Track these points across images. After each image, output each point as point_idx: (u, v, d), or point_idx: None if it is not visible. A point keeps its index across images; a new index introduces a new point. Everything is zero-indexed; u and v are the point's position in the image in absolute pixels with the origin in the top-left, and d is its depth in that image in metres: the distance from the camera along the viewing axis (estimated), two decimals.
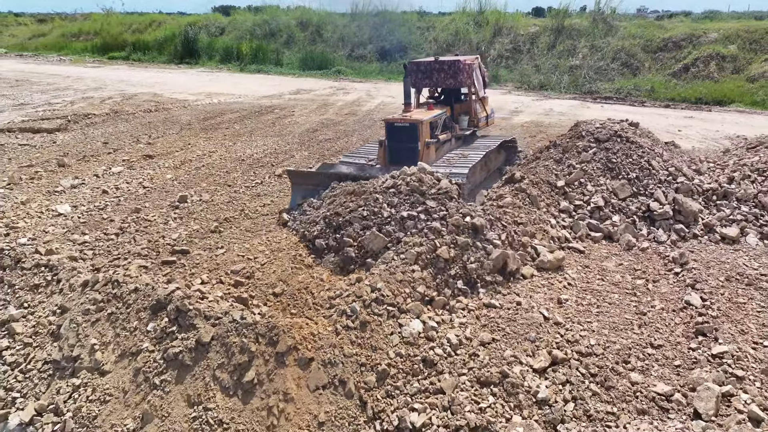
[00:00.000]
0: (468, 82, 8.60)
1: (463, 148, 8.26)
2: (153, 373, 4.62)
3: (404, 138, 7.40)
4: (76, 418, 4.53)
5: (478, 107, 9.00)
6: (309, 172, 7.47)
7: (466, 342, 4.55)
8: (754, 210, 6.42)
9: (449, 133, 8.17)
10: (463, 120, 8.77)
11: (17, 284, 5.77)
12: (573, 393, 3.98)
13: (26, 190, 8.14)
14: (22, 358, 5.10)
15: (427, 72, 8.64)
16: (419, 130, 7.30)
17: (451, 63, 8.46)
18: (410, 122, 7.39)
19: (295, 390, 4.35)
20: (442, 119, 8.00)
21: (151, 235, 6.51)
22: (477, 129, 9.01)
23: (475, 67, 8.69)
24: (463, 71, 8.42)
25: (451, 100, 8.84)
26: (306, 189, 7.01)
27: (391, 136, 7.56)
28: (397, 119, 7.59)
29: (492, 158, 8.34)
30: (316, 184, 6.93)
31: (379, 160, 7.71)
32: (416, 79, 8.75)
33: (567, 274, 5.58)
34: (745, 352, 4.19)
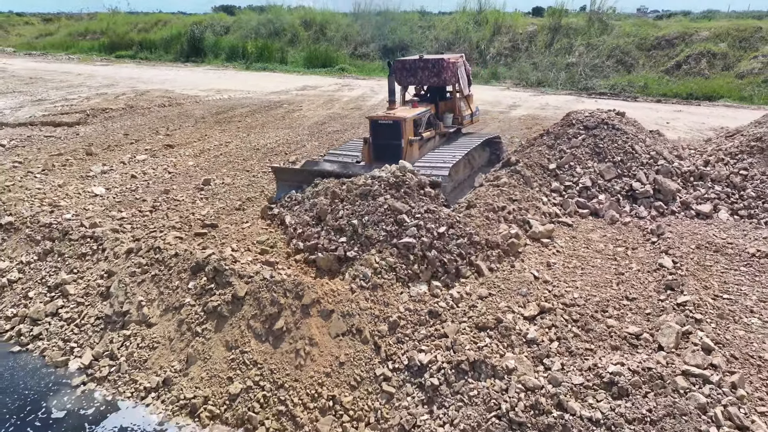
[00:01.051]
0: (452, 81, 8.64)
1: (447, 145, 8.30)
2: (195, 323, 5.32)
3: (388, 135, 7.45)
4: (129, 361, 5.24)
5: (462, 105, 9.04)
6: (293, 169, 7.64)
7: (466, 296, 5.25)
8: (726, 189, 7.12)
9: (433, 131, 8.21)
10: (448, 117, 8.85)
11: (66, 253, 6.46)
12: (557, 334, 4.68)
13: (61, 175, 8.83)
14: (76, 315, 5.80)
15: (412, 70, 8.66)
16: (403, 128, 7.36)
17: (435, 61, 8.47)
18: (394, 120, 7.42)
19: (319, 336, 5.06)
20: (426, 117, 8.04)
21: (182, 212, 7.21)
22: (461, 126, 9.07)
23: (460, 65, 8.70)
24: (447, 69, 8.45)
25: (436, 98, 8.88)
26: (291, 185, 7.22)
27: (375, 134, 7.59)
28: (381, 117, 7.64)
29: (476, 156, 8.48)
30: (300, 181, 7.12)
31: (363, 157, 7.75)
32: (401, 77, 8.80)
33: (556, 243, 6.28)
34: (705, 302, 4.89)
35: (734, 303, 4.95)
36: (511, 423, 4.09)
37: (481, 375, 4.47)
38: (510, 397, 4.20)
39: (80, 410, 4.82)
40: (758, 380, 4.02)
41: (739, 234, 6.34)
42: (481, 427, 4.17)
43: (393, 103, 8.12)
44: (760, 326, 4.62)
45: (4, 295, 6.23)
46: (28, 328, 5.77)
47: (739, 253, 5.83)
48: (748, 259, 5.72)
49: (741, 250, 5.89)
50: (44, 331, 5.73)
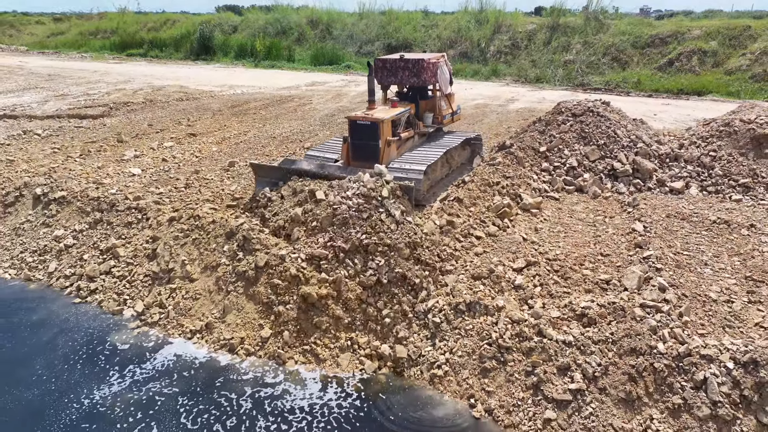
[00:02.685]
0: (432, 81, 8.52)
1: (426, 145, 8.33)
2: (228, 282, 6.20)
3: (366, 136, 7.48)
4: (176, 309, 6.14)
5: (443, 104, 9.00)
6: (272, 166, 7.65)
7: (464, 254, 6.13)
8: (697, 168, 7.99)
9: (412, 131, 8.23)
10: (428, 117, 8.81)
11: (114, 222, 7.37)
12: (540, 281, 5.57)
13: (98, 159, 9.74)
14: (127, 273, 6.71)
15: (393, 69, 8.56)
16: (380, 129, 7.38)
17: (415, 61, 8.35)
18: (372, 121, 7.42)
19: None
20: (404, 117, 8.03)
21: (212, 188, 8.11)
22: (442, 125, 9.01)
23: (441, 65, 8.57)
24: (427, 70, 8.33)
25: (417, 97, 8.78)
26: (269, 182, 7.36)
27: (354, 134, 7.62)
28: (359, 117, 7.60)
29: (455, 155, 8.67)
30: (278, 177, 7.30)
31: (342, 156, 7.77)
32: (382, 77, 8.69)
33: (544, 213, 7.17)
34: (667, 256, 5.77)
35: (692, 258, 5.83)
36: (500, 348, 4.98)
37: (476, 313, 5.36)
38: (499, 328, 5.09)
39: (139, 344, 5.73)
40: (702, 312, 4.90)
41: (705, 206, 7.21)
42: (475, 352, 5.07)
43: (372, 102, 8.03)
44: (711, 274, 5.50)
45: (62, 258, 7.14)
46: (86, 284, 6.68)
47: (702, 221, 6.70)
48: (709, 225, 6.59)
49: (704, 218, 6.76)
50: (100, 286, 6.64)
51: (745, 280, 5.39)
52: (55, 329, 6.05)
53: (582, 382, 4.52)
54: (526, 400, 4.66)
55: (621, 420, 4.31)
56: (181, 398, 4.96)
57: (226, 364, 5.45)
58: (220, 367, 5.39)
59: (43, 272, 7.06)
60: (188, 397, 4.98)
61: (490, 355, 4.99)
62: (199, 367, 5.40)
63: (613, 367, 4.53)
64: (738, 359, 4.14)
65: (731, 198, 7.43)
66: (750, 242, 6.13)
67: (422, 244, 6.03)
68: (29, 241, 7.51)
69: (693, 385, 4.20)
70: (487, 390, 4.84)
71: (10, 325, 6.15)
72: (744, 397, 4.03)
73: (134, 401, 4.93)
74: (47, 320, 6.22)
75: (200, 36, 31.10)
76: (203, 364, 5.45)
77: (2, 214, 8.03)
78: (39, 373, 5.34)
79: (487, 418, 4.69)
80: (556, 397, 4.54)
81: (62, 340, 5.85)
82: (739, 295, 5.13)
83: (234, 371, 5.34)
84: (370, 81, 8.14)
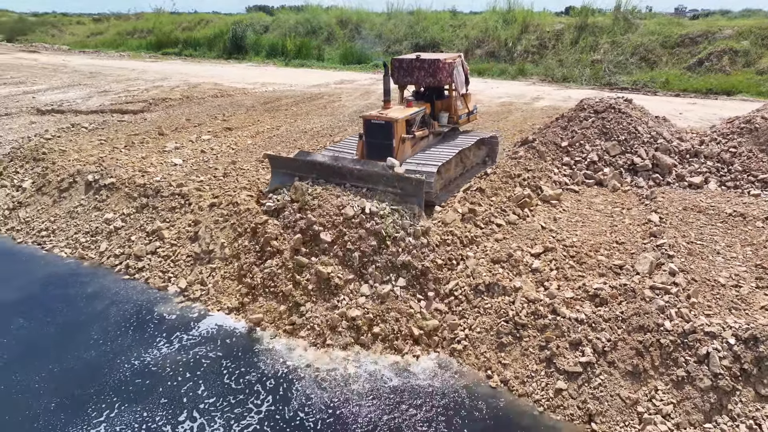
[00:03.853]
0: (447, 81, 8.55)
1: (441, 145, 8.35)
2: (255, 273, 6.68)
3: (380, 135, 7.58)
4: (215, 287, 6.66)
5: (459, 104, 8.96)
6: (287, 158, 7.81)
7: (484, 240, 6.50)
8: (716, 164, 8.17)
9: (426, 130, 8.28)
10: (443, 116, 8.82)
11: (159, 207, 7.95)
12: (557, 265, 5.90)
13: (141, 150, 10.38)
14: (171, 253, 7.26)
15: (409, 69, 8.61)
16: (394, 128, 7.46)
17: (431, 62, 8.38)
18: (386, 120, 7.52)
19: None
20: (419, 116, 8.10)
21: (248, 177, 8.63)
22: (457, 125, 8.97)
23: (457, 65, 8.62)
24: (443, 70, 8.36)
25: (433, 97, 8.80)
26: (285, 173, 7.56)
27: (369, 133, 7.74)
28: (374, 116, 7.71)
29: (469, 155, 8.67)
30: (293, 169, 7.48)
31: (357, 152, 7.91)
32: (399, 77, 8.76)
33: (563, 204, 7.47)
34: (680, 244, 6.03)
35: (705, 247, 6.07)
36: (516, 325, 5.34)
37: (494, 294, 5.72)
38: (515, 307, 5.45)
39: (183, 315, 6.28)
40: (710, 295, 5.16)
41: (723, 200, 7.40)
42: (493, 329, 5.44)
43: (388, 102, 8.13)
44: (722, 262, 5.75)
45: (112, 239, 7.76)
46: (134, 263, 7.27)
47: (718, 213, 6.91)
48: (725, 218, 6.80)
49: (720, 211, 6.97)
50: (147, 265, 7.21)
51: (755, 267, 5.61)
52: (107, 301, 6.64)
53: (592, 356, 4.85)
54: (539, 372, 5.01)
55: (628, 391, 4.63)
56: (224, 361, 5.47)
57: (261, 335, 5.93)
58: (257, 338, 5.88)
59: (95, 251, 7.68)
60: (231, 360, 5.49)
61: (506, 331, 5.35)
62: (239, 336, 5.91)
63: (621, 342, 4.85)
64: (739, 336, 4.42)
65: (750, 193, 7.60)
66: (764, 234, 6.33)
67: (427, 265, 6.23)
68: (82, 223, 8.15)
69: (696, 360, 4.49)
70: (503, 363, 5.21)
71: (68, 296, 6.77)
72: (744, 371, 4.31)
73: (182, 362, 5.46)
74: (100, 293, 6.82)
75: (233, 35, 32.01)
76: (243, 334, 5.96)
77: (57, 198, 8.70)
78: (95, 338, 5.92)
79: (503, 387, 5.05)
80: (568, 369, 4.88)
81: (114, 310, 6.44)
82: (748, 281, 5.37)
83: (269, 343, 5.81)
84: (385, 81, 8.22)
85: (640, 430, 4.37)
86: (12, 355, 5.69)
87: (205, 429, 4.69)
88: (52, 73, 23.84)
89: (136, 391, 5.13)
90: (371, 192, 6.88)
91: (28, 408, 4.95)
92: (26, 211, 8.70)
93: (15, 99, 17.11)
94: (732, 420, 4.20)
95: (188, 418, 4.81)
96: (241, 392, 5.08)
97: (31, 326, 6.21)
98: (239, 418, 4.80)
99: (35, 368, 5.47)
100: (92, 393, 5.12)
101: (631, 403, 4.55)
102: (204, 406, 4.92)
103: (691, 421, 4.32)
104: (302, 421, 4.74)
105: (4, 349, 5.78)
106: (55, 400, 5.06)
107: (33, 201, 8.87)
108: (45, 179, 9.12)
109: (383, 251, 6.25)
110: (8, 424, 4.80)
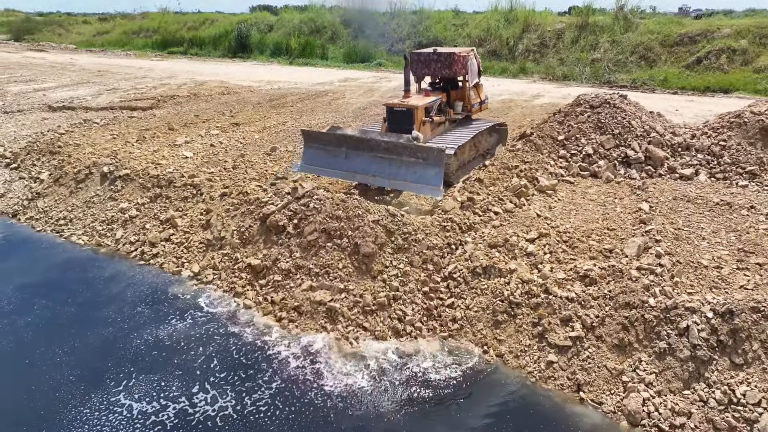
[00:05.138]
0: (462, 72, 9.33)
1: (456, 130, 9.13)
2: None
3: (402, 121, 8.31)
4: (227, 271, 7.01)
5: (472, 94, 9.75)
6: (320, 132, 8.55)
7: (482, 226, 6.84)
8: (707, 157, 8.49)
9: (443, 117, 9.06)
10: (458, 105, 9.61)
11: (172, 196, 8.31)
12: (550, 249, 6.23)
13: (153, 144, 10.76)
14: (184, 240, 7.62)
15: (426, 62, 9.36)
16: (415, 115, 8.20)
17: (447, 55, 9.14)
18: (407, 107, 8.26)
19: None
20: (436, 104, 8.87)
21: (257, 169, 8.99)
22: (470, 114, 9.78)
23: (470, 58, 9.43)
24: (458, 62, 9.14)
25: (448, 88, 9.63)
26: (318, 147, 8.23)
27: (391, 119, 8.49)
28: (396, 104, 8.48)
29: (482, 140, 9.39)
30: (326, 142, 8.15)
31: (381, 128, 8.81)
32: (417, 69, 9.49)
33: (558, 194, 7.80)
34: (668, 230, 6.35)
35: (691, 233, 6.40)
36: (511, 303, 5.68)
37: (491, 276, 6.07)
38: (510, 287, 5.79)
39: (196, 296, 6.65)
40: (693, 276, 5.50)
41: (712, 191, 7.72)
42: (489, 308, 5.78)
43: (408, 91, 8.84)
44: (706, 246, 6.08)
45: (127, 227, 8.12)
46: (149, 249, 7.63)
47: (706, 202, 7.24)
48: (712, 207, 7.13)
49: (708, 200, 7.29)
50: (161, 251, 7.58)
51: (738, 251, 5.94)
52: (123, 284, 7.01)
53: (581, 330, 5.19)
54: (532, 347, 5.35)
55: (614, 362, 4.97)
56: (235, 339, 5.83)
57: (271, 317, 6.29)
58: (268, 320, 6.23)
59: (111, 239, 8.05)
60: (242, 338, 5.85)
61: (501, 310, 5.69)
62: (250, 316, 6.25)
63: (609, 318, 5.19)
64: (717, 310, 4.75)
65: (738, 184, 7.92)
66: (748, 221, 6.66)
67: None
68: (98, 212, 8.53)
69: (677, 333, 4.83)
70: (499, 339, 5.55)
71: (86, 279, 7.14)
72: (720, 342, 4.64)
73: (194, 337, 5.82)
74: (116, 277, 7.19)
75: (238, 35, 32.39)
76: (253, 314, 6.31)
77: (74, 189, 9.08)
78: (112, 316, 6.30)
79: (498, 361, 5.40)
80: (558, 343, 5.22)
81: (130, 292, 6.81)
82: (729, 263, 5.69)
83: (280, 324, 6.17)
84: (406, 72, 8.86)
85: (625, 398, 4.70)
86: (35, 332, 6.06)
87: (217, 401, 5.03)
88: (60, 72, 24.27)
89: (152, 362, 5.50)
90: (396, 162, 7.53)
91: (52, 379, 5.31)
92: (44, 202, 9.09)
93: (26, 96, 17.53)
94: (708, 387, 4.53)
95: (201, 390, 5.15)
96: (252, 368, 5.43)
97: (53, 306, 6.58)
98: (250, 392, 5.13)
99: (57, 343, 5.84)
100: (110, 365, 5.48)
101: (617, 373, 4.89)
102: (215, 380, 5.27)
103: (671, 388, 4.65)
104: (312, 399, 5.02)
105: (28, 327, 6.15)
106: (75, 371, 5.42)
107: (51, 192, 9.26)
108: (62, 171, 9.51)
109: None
110: (33, 393, 5.15)
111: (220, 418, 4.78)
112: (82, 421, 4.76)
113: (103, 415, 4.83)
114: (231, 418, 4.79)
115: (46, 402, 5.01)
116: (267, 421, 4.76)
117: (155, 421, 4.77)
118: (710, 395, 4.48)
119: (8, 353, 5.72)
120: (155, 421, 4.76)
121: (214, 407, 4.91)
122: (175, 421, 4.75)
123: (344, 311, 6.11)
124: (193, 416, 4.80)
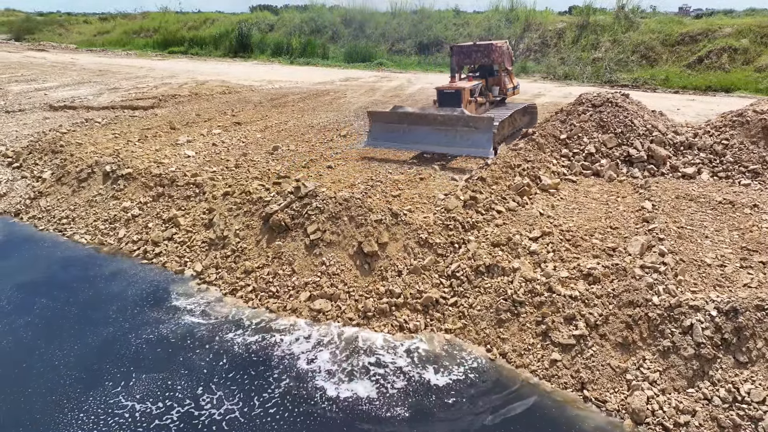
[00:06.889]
0: (499, 60, 11.36)
1: (495, 110, 11.04)
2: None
3: (451, 101, 10.00)
4: (229, 271, 7.00)
5: (506, 80, 11.78)
6: (384, 111, 10.27)
7: (485, 225, 6.84)
8: (709, 156, 8.49)
9: (484, 99, 10.94)
10: (495, 89, 11.61)
11: (174, 195, 8.31)
12: (553, 248, 6.23)
13: (155, 143, 10.76)
14: (187, 239, 7.62)
15: (468, 53, 11.52)
16: (462, 95, 9.91)
17: (486, 45, 11.32)
18: (455, 89, 10.11)
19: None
20: (478, 88, 10.81)
21: (260, 168, 8.99)
22: (505, 97, 11.79)
23: (505, 49, 11.54)
24: (495, 51, 11.21)
25: (486, 75, 11.57)
26: (383, 124, 9.83)
27: (441, 100, 10.23)
28: (446, 87, 10.38)
29: (517, 118, 11.09)
30: (388, 120, 9.76)
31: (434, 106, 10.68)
32: (459, 59, 11.62)
33: (561, 193, 7.80)
34: (671, 228, 6.35)
35: (694, 231, 6.40)
36: (514, 302, 5.68)
37: (494, 274, 6.06)
38: (514, 286, 5.79)
39: (199, 295, 6.64)
40: (696, 274, 5.50)
41: (714, 189, 7.72)
42: (492, 306, 5.78)
43: (453, 78, 11.21)
44: (709, 245, 6.08)
45: (130, 226, 8.13)
46: (152, 248, 7.63)
47: (708, 201, 7.24)
48: (715, 205, 7.13)
49: (711, 199, 7.29)
50: (164, 250, 7.58)
51: (741, 249, 5.94)
52: (125, 282, 7.01)
53: (585, 329, 5.19)
54: (536, 345, 5.35)
55: (618, 360, 4.96)
56: (241, 338, 5.82)
57: (277, 315, 6.29)
58: (272, 318, 6.23)
59: (114, 238, 8.05)
60: (248, 337, 5.84)
61: (505, 308, 5.69)
62: (252, 316, 6.25)
63: (612, 316, 5.18)
64: (721, 308, 4.75)
65: (740, 183, 7.91)
66: (751, 219, 6.65)
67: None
68: (101, 211, 8.53)
69: (681, 331, 4.82)
70: (502, 337, 5.55)
71: (88, 277, 7.14)
72: (724, 340, 4.64)
73: (196, 336, 5.82)
74: (119, 275, 7.19)
75: (239, 34, 32.43)
76: (256, 313, 6.31)
77: (77, 188, 9.08)
78: (115, 315, 6.29)
79: (501, 360, 5.39)
80: (562, 341, 5.22)
81: (132, 290, 6.81)
82: (733, 261, 5.70)
83: (287, 322, 6.17)
84: (451, 62, 11.38)
85: (629, 396, 4.70)
86: (35, 332, 6.05)
87: (222, 401, 5.01)
88: (61, 71, 24.29)
89: (155, 361, 5.48)
90: (451, 132, 9.24)
91: (53, 379, 5.28)
92: (47, 200, 9.09)
93: (28, 96, 17.54)
94: (713, 385, 4.52)
95: (205, 390, 5.12)
96: (260, 366, 5.42)
97: (54, 305, 6.57)
98: (260, 391, 5.11)
99: (58, 342, 5.82)
100: (112, 364, 5.43)
101: (621, 371, 4.89)
102: (219, 379, 5.25)
103: (675, 386, 4.65)
104: (322, 397, 5.01)
105: (28, 326, 6.14)
106: (77, 371, 5.37)
107: (53, 191, 9.26)
108: (64, 170, 9.51)
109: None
110: (33, 393, 5.11)
111: (227, 422, 4.75)
112: (84, 421, 4.75)
113: (104, 416, 4.82)
114: (236, 419, 4.78)
115: (47, 402, 5.00)
116: (272, 422, 4.76)
117: (158, 423, 4.76)
118: (714, 393, 4.47)
119: (9, 352, 5.71)
120: (158, 424, 4.75)
121: (218, 408, 4.90)
122: (178, 423, 4.74)
123: (347, 310, 6.12)
124: (198, 418, 4.79)
